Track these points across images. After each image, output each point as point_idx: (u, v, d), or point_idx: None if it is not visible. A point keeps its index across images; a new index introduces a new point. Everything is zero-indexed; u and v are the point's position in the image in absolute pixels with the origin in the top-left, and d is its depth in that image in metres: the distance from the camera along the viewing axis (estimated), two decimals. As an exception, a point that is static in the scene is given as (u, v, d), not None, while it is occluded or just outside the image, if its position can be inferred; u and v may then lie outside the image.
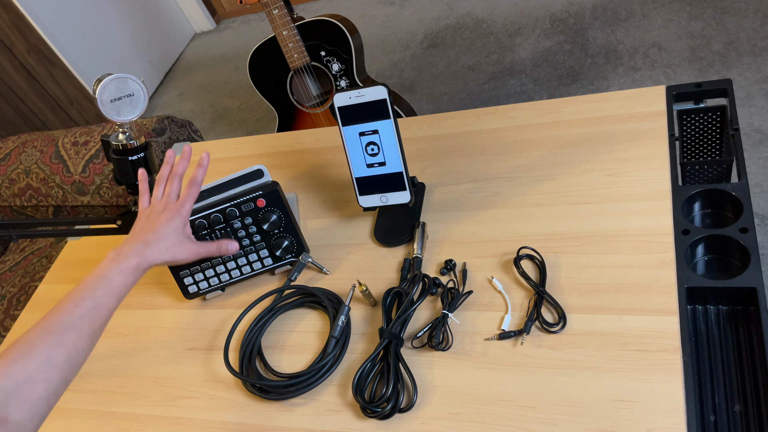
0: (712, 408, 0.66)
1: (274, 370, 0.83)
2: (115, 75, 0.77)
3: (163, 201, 0.83)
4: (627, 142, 0.91)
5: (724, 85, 0.91)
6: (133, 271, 0.75)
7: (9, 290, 1.49)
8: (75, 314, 0.68)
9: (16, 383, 0.61)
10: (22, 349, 0.64)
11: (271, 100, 1.87)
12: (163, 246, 0.79)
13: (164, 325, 0.97)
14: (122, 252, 0.76)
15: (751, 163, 1.71)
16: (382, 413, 0.72)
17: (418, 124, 1.10)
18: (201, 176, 0.85)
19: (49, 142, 1.57)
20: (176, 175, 0.85)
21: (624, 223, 0.81)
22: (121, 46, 3.01)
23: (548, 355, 0.72)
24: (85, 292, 0.71)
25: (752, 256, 0.72)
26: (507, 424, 0.68)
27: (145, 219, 0.82)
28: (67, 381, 0.65)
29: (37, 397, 0.61)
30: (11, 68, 2.60)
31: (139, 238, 0.79)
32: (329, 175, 1.10)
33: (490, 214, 0.91)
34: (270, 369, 0.83)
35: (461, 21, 2.66)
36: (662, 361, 0.67)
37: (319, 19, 1.69)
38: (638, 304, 0.73)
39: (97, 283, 0.72)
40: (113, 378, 0.93)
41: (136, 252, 0.76)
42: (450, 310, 0.79)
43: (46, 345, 0.64)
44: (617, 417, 0.65)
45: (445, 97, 2.35)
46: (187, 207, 0.82)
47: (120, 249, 0.77)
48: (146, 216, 0.83)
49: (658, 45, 2.15)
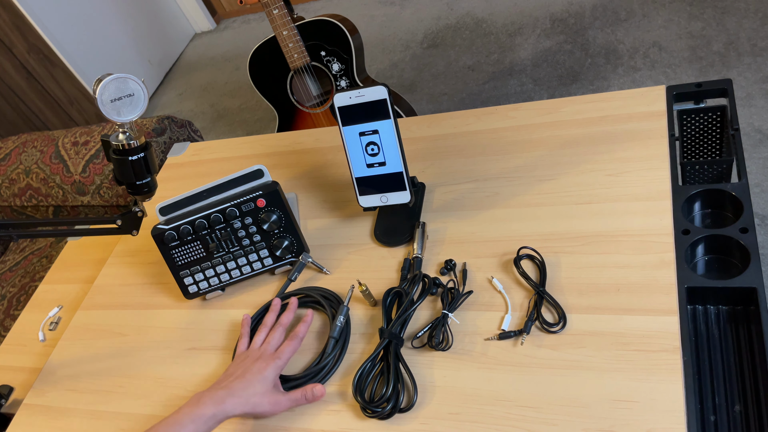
0: (712, 408, 0.66)
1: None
2: (115, 75, 0.77)
3: (262, 348, 0.81)
4: (627, 142, 0.91)
5: (724, 85, 0.91)
6: (205, 421, 0.71)
7: (9, 290, 1.49)
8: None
9: None
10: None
11: (271, 100, 1.87)
12: (246, 394, 0.74)
13: (164, 325, 0.97)
14: (202, 398, 0.73)
15: (751, 163, 1.71)
16: (382, 413, 0.72)
17: (418, 124, 1.10)
18: (303, 332, 0.83)
19: (49, 142, 1.57)
20: (281, 325, 0.84)
21: (624, 223, 0.81)
22: (121, 46, 3.01)
23: (548, 355, 0.72)
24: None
25: (752, 256, 0.72)
26: (507, 424, 0.68)
27: (240, 363, 0.80)
28: None
29: None
30: (11, 68, 2.60)
31: (225, 384, 0.75)
32: (329, 175, 1.09)
33: (490, 214, 0.91)
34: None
35: (461, 21, 2.66)
36: (662, 361, 0.67)
37: (319, 19, 1.69)
38: (638, 304, 0.73)
39: (169, 428, 0.70)
40: (113, 378, 0.93)
41: (215, 401, 0.73)
42: (450, 310, 0.79)
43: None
44: (617, 417, 0.65)
45: (445, 97, 2.35)
46: (284, 358, 0.79)
47: (202, 394, 0.74)
48: (241, 360, 0.81)
49: (658, 45, 2.15)
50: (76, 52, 2.74)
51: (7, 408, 0.98)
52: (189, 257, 0.92)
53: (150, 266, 1.08)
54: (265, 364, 0.78)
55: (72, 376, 0.96)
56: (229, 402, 0.73)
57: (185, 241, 0.91)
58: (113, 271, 1.10)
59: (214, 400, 0.72)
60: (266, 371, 0.77)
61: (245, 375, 0.76)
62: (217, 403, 0.72)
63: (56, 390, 0.95)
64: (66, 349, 1.00)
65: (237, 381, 0.76)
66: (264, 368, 0.77)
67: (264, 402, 0.75)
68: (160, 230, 0.89)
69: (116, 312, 1.03)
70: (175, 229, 0.89)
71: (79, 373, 0.96)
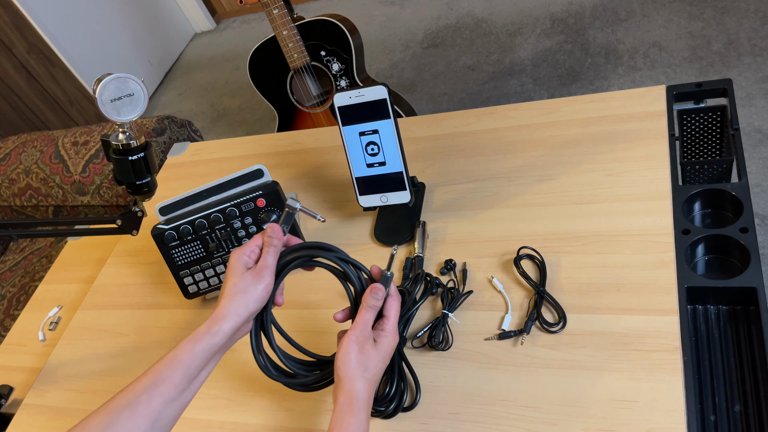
0: (712, 408, 0.66)
1: (307, 350, 0.73)
2: (115, 75, 0.77)
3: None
4: (627, 142, 0.91)
5: (724, 84, 0.91)
6: (198, 353, 0.63)
7: (9, 290, 1.49)
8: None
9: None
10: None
11: (271, 99, 1.87)
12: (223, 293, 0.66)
13: (164, 325, 0.97)
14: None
15: (751, 162, 1.71)
16: (385, 412, 0.72)
17: (418, 124, 1.10)
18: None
19: (49, 142, 1.57)
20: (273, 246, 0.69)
21: (624, 223, 0.81)
22: (121, 46, 3.01)
23: (548, 355, 0.72)
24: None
25: (752, 256, 0.72)
26: (507, 424, 0.68)
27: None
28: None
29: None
30: (11, 68, 2.60)
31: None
32: (329, 175, 1.09)
33: (490, 214, 0.90)
34: (302, 350, 0.72)
35: (461, 21, 2.66)
36: (662, 361, 0.67)
37: (319, 19, 1.69)
38: (638, 304, 0.73)
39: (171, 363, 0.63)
40: (113, 378, 0.93)
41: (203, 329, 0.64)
42: (450, 309, 0.79)
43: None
44: (617, 417, 0.65)
45: (445, 97, 2.35)
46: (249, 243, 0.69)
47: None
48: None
49: (658, 45, 2.15)
50: (76, 52, 2.74)
51: (7, 408, 0.98)
52: (189, 257, 0.92)
53: (150, 266, 1.08)
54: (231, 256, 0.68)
55: (72, 376, 0.96)
56: (212, 317, 0.63)
57: (185, 241, 0.91)
58: (113, 271, 1.10)
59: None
60: (231, 259, 0.67)
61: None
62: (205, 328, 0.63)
63: (56, 390, 0.95)
64: (66, 349, 1.00)
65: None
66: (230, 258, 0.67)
67: (233, 288, 0.64)
68: (160, 230, 0.89)
69: (116, 312, 1.03)
70: (175, 229, 0.89)
71: (79, 373, 0.96)
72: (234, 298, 0.64)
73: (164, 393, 0.60)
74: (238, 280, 0.65)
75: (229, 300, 0.64)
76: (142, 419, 0.59)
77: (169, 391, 0.61)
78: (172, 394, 0.61)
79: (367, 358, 0.64)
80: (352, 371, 0.63)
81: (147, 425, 0.59)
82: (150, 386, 0.61)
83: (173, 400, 0.61)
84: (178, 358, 0.62)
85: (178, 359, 0.62)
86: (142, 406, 0.59)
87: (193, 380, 0.62)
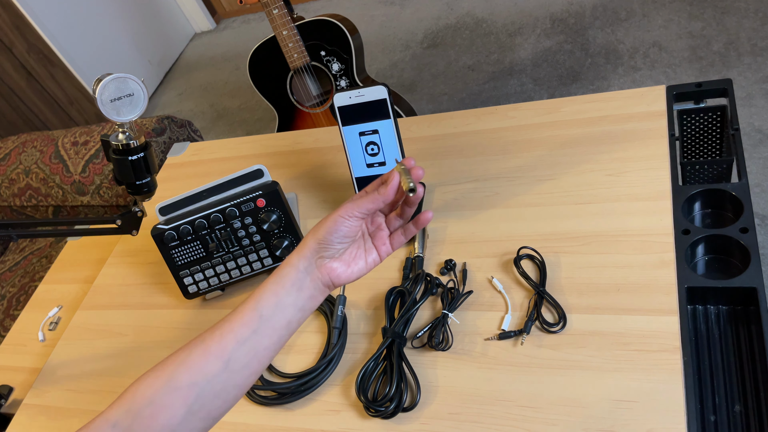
0: (712, 408, 0.66)
1: (279, 371, 0.83)
2: (115, 75, 0.77)
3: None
4: (627, 142, 0.91)
5: (725, 84, 0.91)
6: (292, 284, 0.61)
7: (9, 290, 1.49)
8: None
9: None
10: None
11: (271, 100, 1.87)
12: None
13: (164, 325, 0.97)
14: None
15: (751, 163, 1.71)
16: (385, 412, 0.72)
17: (418, 124, 1.10)
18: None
19: (48, 142, 1.57)
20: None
21: (624, 223, 0.81)
22: (121, 46, 3.01)
23: (548, 355, 0.72)
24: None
25: (752, 256, 0.72)
26: (507, 424, 0.68)
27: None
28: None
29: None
30: (11, 68, 2.60)
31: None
32: (329, 175, 1.09)
33: (490, 214, 0.90)
34: (275, 371, 0.83)
35: (461, 21, 2.66)
36: (662, 361, 0.67)
37: (319, 18, 1.69)
38: (638, 304, 0.73)
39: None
40: (113, 378, 0.93)
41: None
42: (450, 310, 0.79)
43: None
44: (617, 417, 0.65)
45: (445, 97, 2.35)
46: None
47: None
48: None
49: (658, 45, 2.15)
50: (75, 52, 2.74)
51: (7, 408, 0.98)
52: (189, 257, 0.92)
53: (150, 266, 1.08)
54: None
55: (72, 376, 0.95)
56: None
57: (185, 241, 0.91)
58: (113, 271, 1.10)
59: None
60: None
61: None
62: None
63: (56, 390, 0.95)
64: (66, 349, 1.00)
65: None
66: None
67: (325, 223, 0.60)
68: (160, 230, 0.89)
69: (116, 312, 1.03)
70: (175, 229, 0.89)
71: (79, 373, 0.96)
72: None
73: (236, 329, 0.58)
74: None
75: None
76: (214, 359, 0.56)
77: (240, 328, 0.58)
78: (243, 332, 0.58)
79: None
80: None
81: (219, 367, 0.56)
82: (224, 322, 0.59)
83: (245, 340, 0.57)
84: (251, 295, 0.60)
85: (251, 296, 0.60)
86: (215, 344, 0.57)
87: (265, 321, 0.58)
